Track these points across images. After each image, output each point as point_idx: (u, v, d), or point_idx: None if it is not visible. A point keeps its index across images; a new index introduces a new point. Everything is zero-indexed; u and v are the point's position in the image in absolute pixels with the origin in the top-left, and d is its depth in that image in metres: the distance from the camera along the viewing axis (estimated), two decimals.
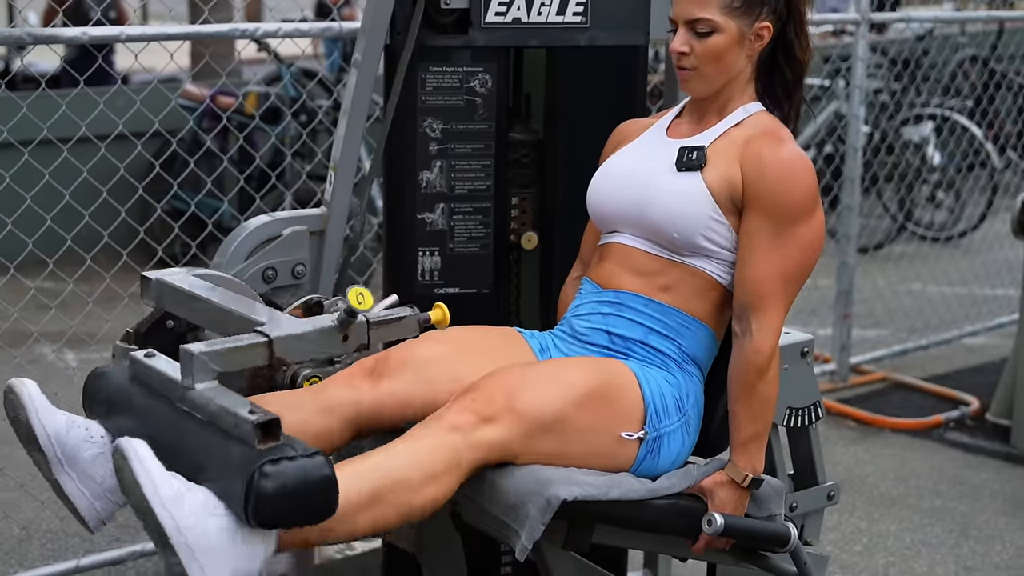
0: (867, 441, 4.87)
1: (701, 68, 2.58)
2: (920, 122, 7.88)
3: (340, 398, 2.49)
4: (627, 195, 2.62)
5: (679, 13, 2.58)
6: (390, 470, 2.26)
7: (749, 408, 2.50)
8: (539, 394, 2.39)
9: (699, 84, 2.60)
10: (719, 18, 2.54)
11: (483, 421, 2.33)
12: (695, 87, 2.61)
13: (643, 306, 2.59)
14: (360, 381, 2.51)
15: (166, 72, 5.02)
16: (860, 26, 5.24)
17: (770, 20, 2.58)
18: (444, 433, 2.31)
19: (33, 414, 2.37)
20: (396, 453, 2.29)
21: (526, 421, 2.35)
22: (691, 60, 2.57)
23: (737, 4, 2.54)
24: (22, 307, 4.26)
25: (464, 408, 2.34)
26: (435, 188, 3.05)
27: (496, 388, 2.37)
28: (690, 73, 2.59)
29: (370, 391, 2.50)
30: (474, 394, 2.37)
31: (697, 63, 2.57)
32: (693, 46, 2.56)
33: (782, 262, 2.50)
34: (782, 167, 2.51)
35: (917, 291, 6.77)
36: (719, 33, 2.55)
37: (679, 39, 2.58)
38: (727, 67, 2.58)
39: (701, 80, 2.60)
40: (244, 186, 5.14)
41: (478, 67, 3.02)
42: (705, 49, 2.56)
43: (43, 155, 4.19)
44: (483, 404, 2.34)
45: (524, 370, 2.45)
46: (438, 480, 2.29)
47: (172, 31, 3.66)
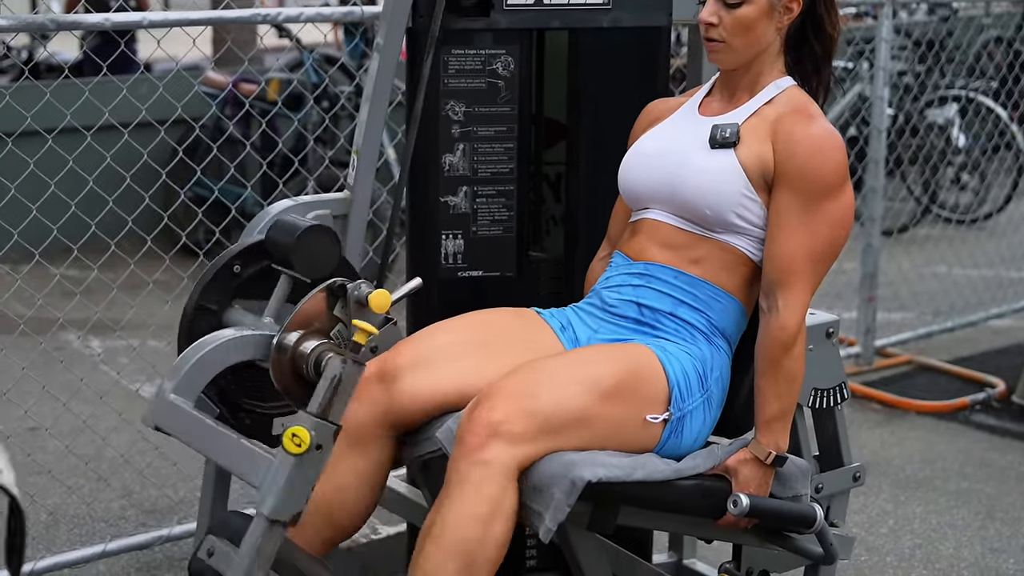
0: (892, 424, 4.85)
1: (730, 40, 2.57)
2: (944, 104, 7.83)
3: (358, 422, 2.51)
4: (660, 173, 2.62)
5: None
6: (456, 544, 2.29)
7: (775, 384, 2.49)
8: (563, 399, 2.38)
9: (728, 56, 2.59)
10: None
11: (510, 443, 2.32)
12: (724, 59, 2.60)
13: (673, 278, 2.58)
14: (370, 390, 2.52)
15: (188, 59, 5.02)
16: (884, 7, 5.21)
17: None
18: (479, 469, 2.31)
19: None
20: (453, 519, 2.31)
21: (551, 428, 2.36)
22: (720, 31, 2.56)
23: None
24: (47, 294, 4.29)
25: (485, 428, 2.32)
26: (458, 171, 3.05)
27: (516, 397, 2.35)
28: (719, 45, 2.58)
29: (383, 398, 2.51)
30: (493, 404, 2.34)
31: (726, 35, 2.56)
32: (722, 17, 2.55)
33: (811, 239, 2.49)
34: (812, 144, 2.50)
35: (942, 273, 6.73)
36: (749, 4, 2.54)
37: (708, 9, 2.57)
38: (756, 39, 2.57)
39: (730, 52, 2.58)
40: (267, 172, 5.15)
41: (500, 49, 3.01)
42: (734, 20, 2.55)
43: (67, 142, 4.20)
44: (505, 420, 2.32)
45: (544, 369, 2.43)
46: (498, 514, 2.31)
47: (194, 16, 3.66)
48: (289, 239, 2.72)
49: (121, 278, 4.26)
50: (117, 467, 4.17)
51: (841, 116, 7.75)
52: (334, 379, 2.36)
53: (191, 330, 2.89)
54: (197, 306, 2.89)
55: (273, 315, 2.84)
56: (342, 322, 2.70)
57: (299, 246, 2.71)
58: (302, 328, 2.67)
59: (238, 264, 2.88)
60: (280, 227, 2.79)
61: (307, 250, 2.72)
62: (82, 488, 4.08)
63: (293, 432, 2.29)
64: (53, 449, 4.24)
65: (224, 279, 2.89)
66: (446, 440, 2.43)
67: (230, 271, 2.88)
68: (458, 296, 3.02)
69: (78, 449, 4.12)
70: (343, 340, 2.70)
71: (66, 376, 4.33)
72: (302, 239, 2.70)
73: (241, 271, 2.89)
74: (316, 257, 2.74)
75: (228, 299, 2.91)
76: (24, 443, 4.25)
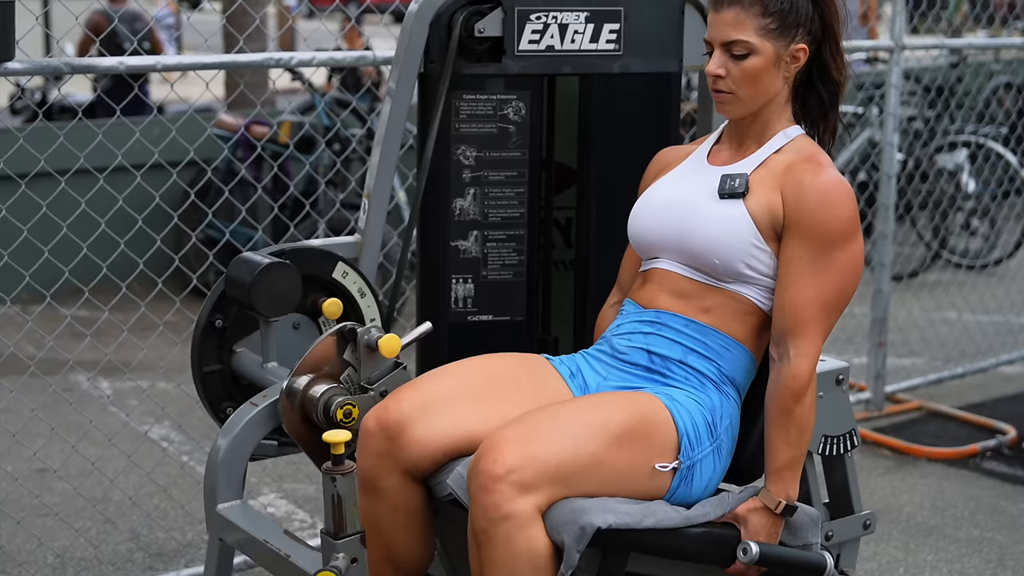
0: (903, 470, 4.83)
1: (737, 91, 2.58)
2: (954, 149, 7.84)
3: (373, 474, 2.50)
4: (669, 223, 2.62)
5: (714, 35, 2.58)
6: None
7: (785, 433, 2.49)
8: (572, 446, 2.36)
9: (736, 107, 2.60)
10: (755, 40, 2.54)
11: (521, 492, 2.31)
12: (732, 110, 2.61)
13: (684, 326, 2.58)
14: (378, 443, 2.49)
15: (201, 102, 5.05)
16: (894, 53, 5.22)
17: (806, 41, 2.58)
18: (497, 527, 2.30)
19: None
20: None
21: (562, 475, 2.34)
22: (727, 83, 2.57)
23: (773, 26, 2.54)
24: (57, 335, 4.29)
25: (497, 481, 2.31)
26: (468, 215, 3.05)
27: (525, 447, 2.34)
28: (727, 96, 2.59)
29: (392, 450, 2.48)
30: (502, 453, 2.32)
31: (733, 86, 2.57)
32: (729, 68, 2.56)
33: (821, 288, 2.50)
34: (822, 193, 2.50)
35: (952, 319, 6.72)
36: (755, 55, 2.55)
37: (715, 61, 2.58)
38: (764, 89, 2.58)
39: (737, 103, 2.59)
40: (278, 214, 5.16)
41: (511, 95, 3.03)
42: (741, 71, 2.56)
43: (79, 184, 4.22)
44: (517, 471, 2.31)
45: (553, 417, 2.42)
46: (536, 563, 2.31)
47: (207, 60, 3.69)
48: (248, 277, 2.70)
49: (132, 320, 4.27)
50: (125, 509, 4.17)
51: (851, 161, 7.76)
52: (333, 498, 2.38)
53: (208, 396, 2.92)
54: (202, 375, 2.89)
55: (275, 358, 2.84)
56: (352, 366, 2.70)
57: (258, 284, 2.69)
58: (312, 372, 2.67)
59: (218, 318, 2.88)
60: (239, 265, 2.78)
61: (267, 288, 2.71)
62: (89, 530, 4.07)
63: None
64: (61, 491, 4.24)
65: (212, 337, 2.90)
66: (457, 486, 2.42)
67: (213, 327, 2.88)
68: (468, 340, 3.02)
69: (86, 491, 4.12)
70: (353, 384, 2.70)
71: (75, 417, 4.34)
72: (261, 277, 2.69)
73: (223, 323, 2.88)
74: (276, 295, 2.73)
75: (227, 353, 2.91)
76: (32, 484, 4.24)
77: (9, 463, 4.31)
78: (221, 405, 2.93)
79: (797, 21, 2.56)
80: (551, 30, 3.01)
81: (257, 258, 2.76)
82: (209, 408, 2.95)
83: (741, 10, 2.54)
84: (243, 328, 2.93)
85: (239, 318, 2.91)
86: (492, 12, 2.96)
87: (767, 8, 2.54)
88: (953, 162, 7.80)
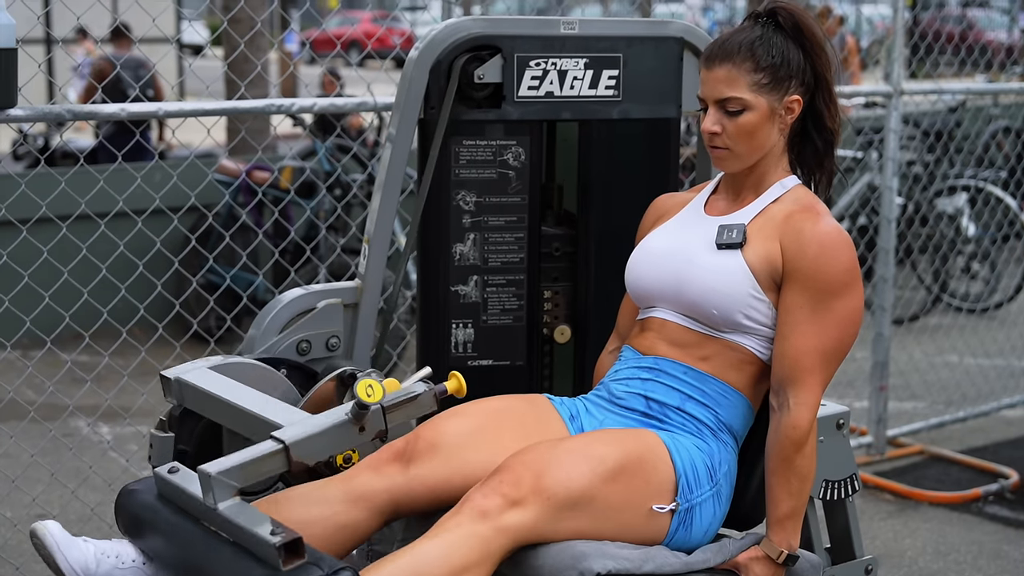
0: (905, 515, 4.82)
1: (734, 147, 2.59)
2: (954, 193, 7.86)
3: (370, 487, 2.47)
4: (666, 273, 2.62)
5: (708, 93, 2.60)
6: (420, 571, 2.23)
7: (786, 483, 2.48)
8: (567, 472, 2.36)
9: (733, 162, 2.61)
10: (749, 96, 2.55)
11: (510, 505, 2.31)
12: (729, 165, 2.62)
13: (682, 373, 2.58)
14: (389, 467, 2.49)
15: (202, 147, 5.07)
16: (892, 98, 5.25)
17: (799, 93, 2.59)
18: (471, 523, 2.29)
19: (58, 554, 2.42)
20: (424, 551, 2.26)
21: (554, 501, 2.34)
22: (723, 139, 2.58)
23: (766, 81, 2.56)
24: (58, 380, 4.29)
25: (491, 491, 2.32)
26: (468, 260, 3.06)
27: (523, 469, 2.35)
28: (723, 152, 2.60)
29: (400, 478, 2.47)
30: (501, 476, 2.35)
31: (730, 142, 2.58)
32: (725, 125, 2.58)
33: (820, 337, 2.50)
34: (821, 242, 2.51)
35: (954, 363, 6.72)
36: (750, 111, 2.56)
37: (710, 119, 2.59)
38: (760, 144, 2.59)
39: (734, 158, 2.61)
40: (279, 259, 5.17)
41: (511, 140, 3.04)
42: (737, 128, 2.57)
43: (81, 229, 4.24)
44: (510, 487, 2.32)
45: (552, 448, 2.42)
46: (470, 573, 2.26)
47: (208, 107, 3.70)
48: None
49: (132, 365, 4.27)
50: None
51: (850, 205, 7.78)
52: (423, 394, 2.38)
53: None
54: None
55: None
56: None
57: None
58: None
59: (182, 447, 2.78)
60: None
61: None
62: None
63: (370, 384, 2.31)
64: None
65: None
66: None
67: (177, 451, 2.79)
68: (468, 385, 3.02)
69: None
70: None
71: (75, 463, 4.33)
72: None
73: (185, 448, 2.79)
74: None
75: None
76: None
77: (8, 509, 4.30)
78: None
79: (789, 73, 2.57)
80: (550, 76, 3.02)
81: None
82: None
83: (733, 67, 2.55)
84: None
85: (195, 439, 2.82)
86: (492, 59, 2.98)
87: (759, 63, 2.55)
88: (953, 206, 7.82)
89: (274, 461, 2.28)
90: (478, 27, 2.99)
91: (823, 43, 2.62)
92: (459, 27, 2.98)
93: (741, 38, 2.58)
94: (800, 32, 2.60)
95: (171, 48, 9.83)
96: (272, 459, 2.28)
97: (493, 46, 2.98)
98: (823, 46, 2.62)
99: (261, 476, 2.29)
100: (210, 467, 2.21)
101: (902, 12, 5.20)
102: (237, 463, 2.24)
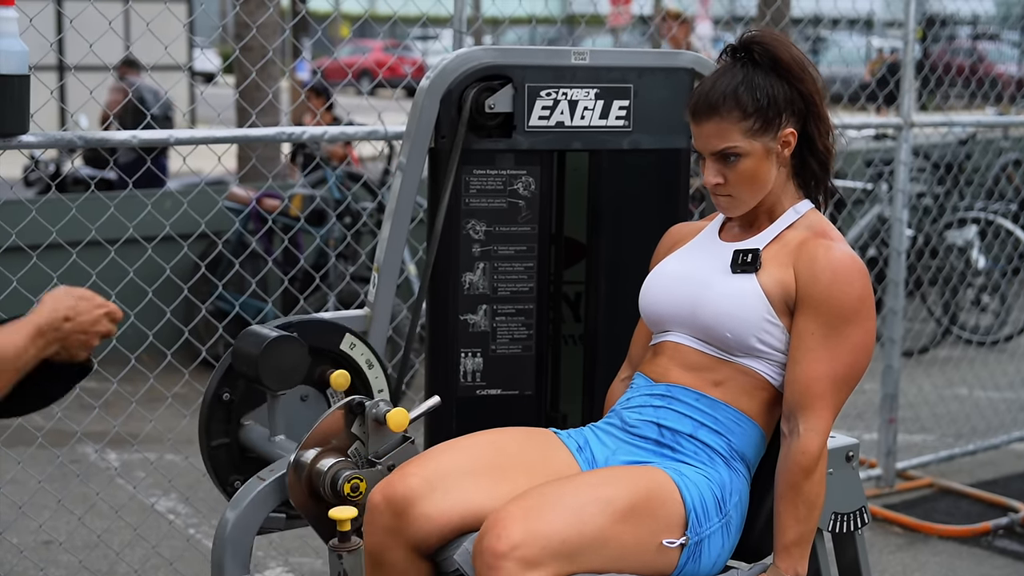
0: (914, 548, 4.79)
1: (737, 194, 2.59)
2: (964, 225, 7.86)
3: (381, 549, 2.47)
4: (681, 296, 2.62)
5: (702, 147, 2.59)
6: None
7: (794, 509, 2.47)
8: (577, 522, 2.34)
9: (739, 207, 2.62)
10: (743, 144, 2.55)
11: (525, 567, 2.28)
12: (736, 210, 2.63)
13: (694, 400, 2.58)
14: (385, 518, 2.47)
15: (213, 175, 5.08)
16: (903, 130, 5.25)
17: (791, 124, 2.58)
18: None
19: None
20: None
21: (567, 551, 2.32)
22: (727, 188, 2.59)
23: (757, 125, 2.55)
24: (66, 406, 4.28)
25: (500, 558, 2.29)
26: (478, 289, 3.06)
27: (530, 523, 2.31)
28: (727, 199, 2.60)
29: (401, 524, 2.46)
30: (500, 533, 2.30)
31: (732, 189, 2.58)
32: (725, 175, 2.57)
33: (832, 363, 2.49)
34: (835, 269, 2.51)
35: (963, 396, 6.69)
36: (747, 157, 2.55)
37: (710, 170, 2.59)
38: (763, 184, 2.59)
39: (740, 204, 2.61)
40: (288, 287, 5.17)
41: (521, 170, 3.05)
42: (737, 175, 2.56)
43: (90, 256, 4.24)
44: (521, 547, 2.29)
45: (558, 494, 2.39)
46: None
47: (220, 134, 3.71)
48: (255, 351, 2.71)
49: (140, 391, 4.26)
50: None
51: (860, 237, 7.78)
52: (340, 574, 2.37)
53: (216, 470, 2.91)
54: (210, 449, 2.89)
55: (283, 431, 2.84)
56: (360, 440, 2.69)
57: (265, 358, 2.70)
58: (319, 446, 2.67)
59: (226, 391, 2.88)
60: (246, 338, 2.78)
61: (274, 362, 2.71)
62: None
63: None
64: (66, 563, 4.21)
65: (220, 411, 2.89)
66: (464, 562, 2.40)
67: (221, 400, 2.88)
68: (476, 414, 3.02)
69: (92, 564, 4.09)
70: (360, 458, 2.69)
71: (82, 489, 4.32)
72: (268, 351, 2.70)
73: (231, 396, 2.88)
74: (283, 369, 2.73)
75: (235, 427, 2.91)
76: (37, 557, 4.22)
77: (15, 535, 4.29)
78: (229, 478, 2.93)
79: (779, 110, 2.56)
80: (561, 106, 3.03)
81: (264, 331, 2.76)
82: (217, 481, 2.94)
83: (721, 119, 2.55)
84: (250, 402, 2.93)
85: (247, 392, 2.91)
86: (503, 88, 2.98)
87: (746, 110, 2.54)
88: (963, 238, 7.81)
89: None
90: (489, 57, 2.99)
91: (804, 66, 2.59)
92: (470, 57, 2.99)
93: (723, 87, 2.55)
94: (779, 64, 2.57)
95: (183, 76, 9.87)
96: None
97: (504, 76, 2.99)
98: (805, 69, 2.59)
99: None
100: None
101: (912, 44, 5.21)
102: None
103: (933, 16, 11.24)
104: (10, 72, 3.13)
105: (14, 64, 3.14)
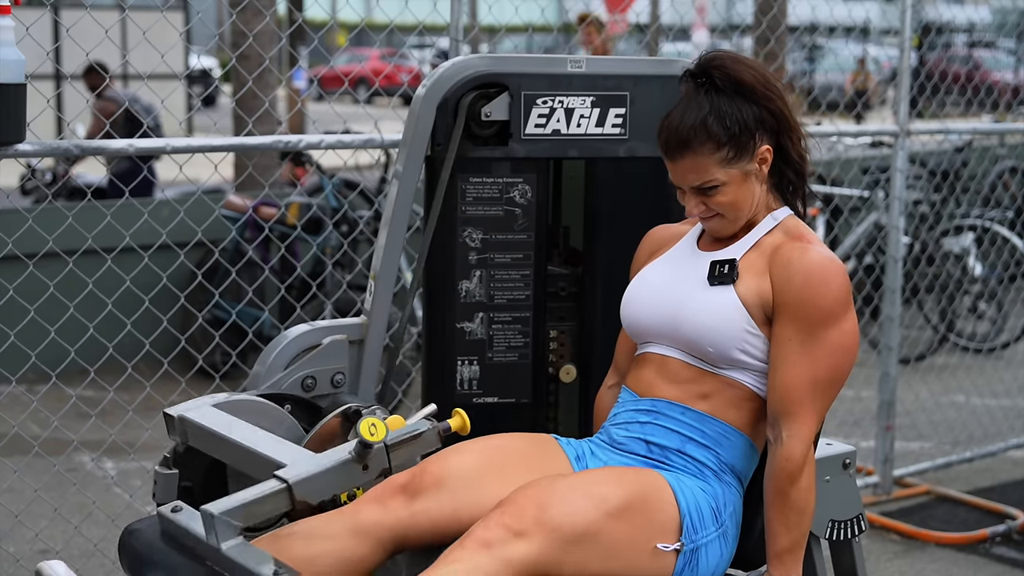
0: (911, 555, 4.79)
1: (725, 213, 2.58)
2: (960, 233, 7.86)
3: (373, 520, 2.45)
4: (661, 310, 2.62)
5: (680, 182, 2.59)
6: None
7: (783, 516, 2.47)
8: (571, 507, 2.35)
9: (728, 227, 2.61)
10: (720, 174, 2.54)
11: (514, 536, 2.29)
12: (726, 231, 2.62)
13: (681, 414, 2.57)
14: (393, 501, 2.47)
15: (209, 183, 5.08)
16: (899, 137, 5.26)
17: (766, 141, 2.57)
18: (475, 555, 2.27)
19: None
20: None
21: (557, 534, 2.32)
22: (710, 211, 2.58)
23: (732, 154, 2.53)
24: (62, 415, 4.28)
25: (494, 524, 2.31)
26: (474, 297, 3.06)
27: (527, 501, 2.34)
28: (714, 221, 2.60)
29: (404, 512, 2.46)
30: (504, 508, 2.34)
31: (715, 212, 2.58)
32: (707, 204, 2.57)
33: (812, 368, 2.48)
34: (808, 271, 2.50)
35: (960, 403, 6.70)
36: (726, 185, 2.55)
37: (691, 203, 2.59)
38: (747, 204, 2.59)
39: (728, 224, 2.61)
40: (285, 295, 5.17)
41: (518, 178, 3.05)
42: (719, 203, 2.57)
43: (87, 264, 4.24)
44: (513, 518, 2.31)
45: (556, 482, 2.42)
46: None
47: (216, 143, 3.72)
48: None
49: (137, 400, 4.26)
50: None
51: (857, 245, 7.78)
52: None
53: None
54: None
55: None
56: None
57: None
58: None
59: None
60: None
61: None
62: None
63: (373, 422, 2.30)
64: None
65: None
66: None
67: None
68: (473, 422, 3.01)
69: (88, 573, 4.08)
70: None
71: (79, 498, 4.32)
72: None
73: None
74: None
75: None
76: (34, 566, 4.21)
77: (11, 544, 4.29)
78: None
79: (751, 132, 2.54)
80: (557, 114, 3.03)
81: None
82: None
83: (695, 155, 2.53)
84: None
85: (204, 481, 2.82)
86: (499, 96, 2.99)
87: (719, 141, 2.52)
88: (959, 246, 7.82)
89: (277, 500, 2.28)
90: (485, 65, 3.00)
91: (768, 82, 2.56)
92: (467, 65, 2.99)
93: (691, 120, 2.53)
94: (743, 86, 2.54)
95: (179, 84, 9.87)
96: (275, 498, 2.27)
97: (500, 84, 2.99)
98: (769, 85, 2.56)
99: (264, 516, 2.28)
100: (213, 507, 2.21)
101: (908, 52, 5.22)
102: (240, 503, 2.23)
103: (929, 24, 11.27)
104: (7, 81, 3.14)
105: (11, 73, 3.14)
